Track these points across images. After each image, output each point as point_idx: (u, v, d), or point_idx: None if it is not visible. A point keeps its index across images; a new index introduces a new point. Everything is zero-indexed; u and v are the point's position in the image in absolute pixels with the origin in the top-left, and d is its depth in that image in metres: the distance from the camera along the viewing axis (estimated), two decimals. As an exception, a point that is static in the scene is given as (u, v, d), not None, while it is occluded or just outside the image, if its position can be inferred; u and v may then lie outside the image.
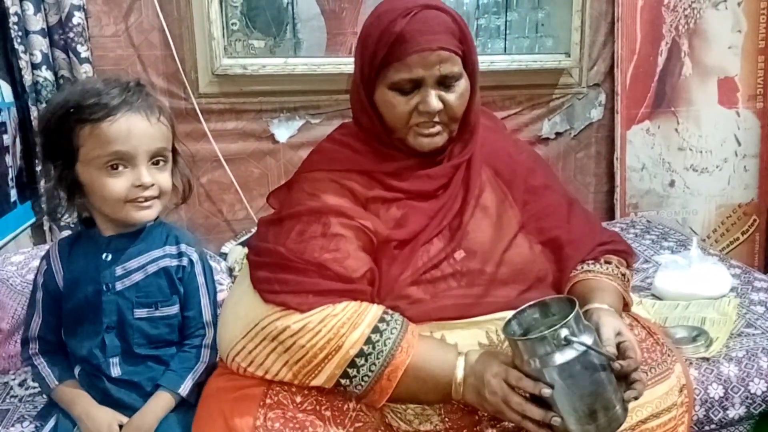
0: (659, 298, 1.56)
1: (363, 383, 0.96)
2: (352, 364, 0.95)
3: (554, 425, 0.89)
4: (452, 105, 1.06)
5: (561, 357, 0.87)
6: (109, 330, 1.11)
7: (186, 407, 1.12)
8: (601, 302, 1.01)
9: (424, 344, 0.99)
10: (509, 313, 1.01)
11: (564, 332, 0.87)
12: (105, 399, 1.13)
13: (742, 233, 2.47)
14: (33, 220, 1.77)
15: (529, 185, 1.18)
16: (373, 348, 0.96)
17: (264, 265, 1.04)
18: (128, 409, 1.13)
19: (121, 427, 1.11)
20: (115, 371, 1.12)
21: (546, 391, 0.88)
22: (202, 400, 1.09)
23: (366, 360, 0.95)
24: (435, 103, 1.05)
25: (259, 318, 1.00)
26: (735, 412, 1.28)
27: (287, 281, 1.00)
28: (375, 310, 0.99)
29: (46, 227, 1.83)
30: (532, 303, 0.97)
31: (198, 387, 1.14)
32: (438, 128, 1.08)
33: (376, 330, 0.97)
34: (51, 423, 1.15)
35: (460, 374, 0.96)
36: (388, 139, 1.11)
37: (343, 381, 0.97)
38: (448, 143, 1.12)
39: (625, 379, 0.92)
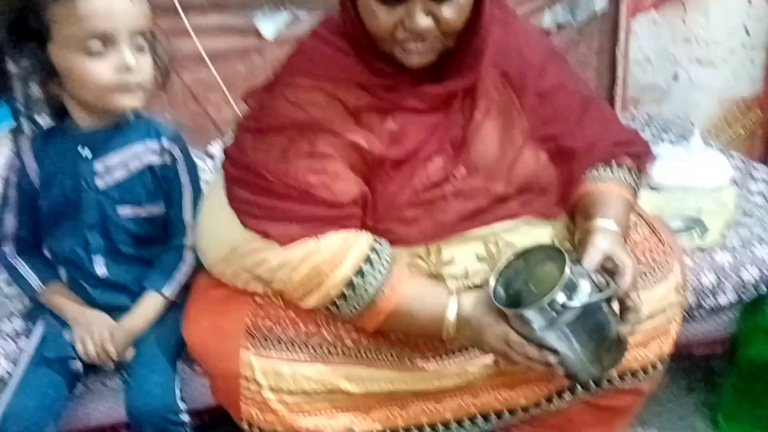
0: (656, 190, 1.53)
1: (348, 316, 0.94)
2: (334, 303, 0.93)
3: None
4: (447, 21, 0.90)
5: (560, 320, 0.84)
6: (91, 228, 1.08)
7: (177, 310, 1.12)
8: (603, 218, 0.96)
9: (411, 286, 0.94)
10: (508, 224, 0.99)
11: (560, 298, 0.83)
12: (92, 303, 1.12)
13: (743, 128, 2.41)
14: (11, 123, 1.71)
15: (539, 89, 1.06)
16: (354, 293, 0.91)
17: (242, 182, 0.96)
18: (117, 312, 1.13)
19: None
20: (100, 271, 1.10)
21: (552, 359, 0.86)
22: (190, 298, 1.09)
23: (347, 302, 0.92)
24: (422, 22, 0.88)
25: (237, 244, 0.95)
26: (726, 299, 1.29)
27: (268, 206, 0.93)
28: (361, 246, 0.93)
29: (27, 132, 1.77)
30: (513, 254, 0.92)
31: (186, 289, 1.14)
32: (429, 45, 0.93)
33: (359, 272, 0.91)
34: (40, 327, 1.14)
35: (451, 317, 0.92)
36: (377, 49, 0.97)
37: (326, 311, 0.95)
38: (449, 55, 0.97)
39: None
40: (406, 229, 0.97)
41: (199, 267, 1.12)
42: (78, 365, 1.13)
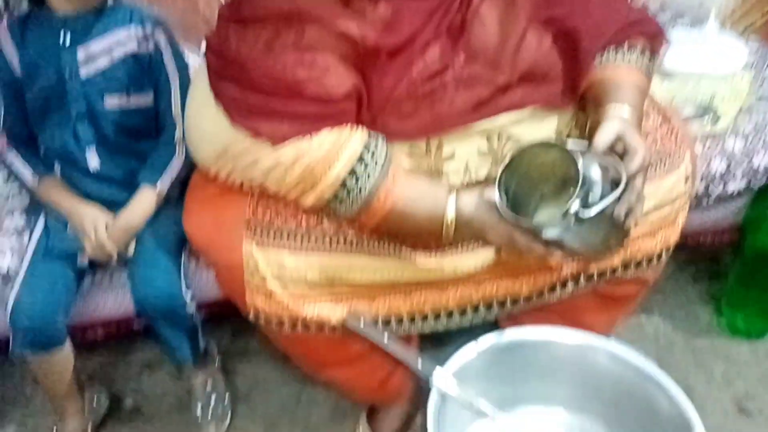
0: (669, 77, 1.48)
1: (345, 216, 0.91)
2: (328, 202, 0.90)
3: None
4: None
5: (572, 225, 0.82)
6: (80, 119, 1.06)
7: (177, 205, 1.11)
8: (617, 102, 0.92)
9: (407, 186, 0.89)
10: (511, 116, 0.94)
11: (574, 206, 0.80)
12: (87, 197, 1.12)
13: (762, 14, 2.30)
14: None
15: None
16: (348, 194, 0.88)
17: (228, 77, 0.90)
18: (113, 207, 1.13)
19: (107, 226, 1.12)
20: (93, 163, 1.10)
21: (557, 254, 0.86)
22: (189, 191, 1.08)
23: (341, 203, 0.89)
24: None
25: (227, 143, 0.91)
26: (735, 186, 1.27)
27: (257, 103, 0.88)
28: (354, 145, 0.88)
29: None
30: (512, 154, 0.87)
31: (182, 183, 1.12)
32: None
33: (352, 173, 0.87)
34: (41, 223, 1.15)
35: (450, 217, 0.88)
36: None
37: (323, 209, 0.93)
38: None
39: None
40: (404, 123, 0.92)
41: (190, 162, 1.10)
42: (84, 260, 1.14)
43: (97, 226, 1.09)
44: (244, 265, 0.97)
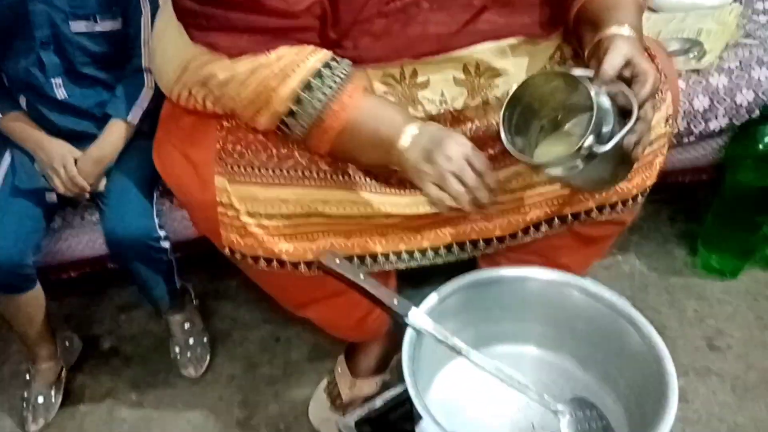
0: (655, 11, 1.44)
1: (298, 136, 0.88)
2: (283, 121, 0.86)
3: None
4: None
5: (581, 162, 0.79)
6: (44, 46, 1.02)
7: (148, 139, 1.07)
8: (618, 24, 0.86)
9: (365, 106, 0.86)
10: (489, 46, 0.90)
11: (589, 141, 0.77)
12: (56, 130, 1.08)
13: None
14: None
15: None
16: (302, 108, 0.84)
17: None
18: (82, 140, 1.09)
19: (77, 161, 1.09)
20: (60, 93, 1.06)
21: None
22: (159, 127, 1.04)
23: (295, 119, 0.85)
24: None
25: (187, 61, 0.88)
26: (717, 123, 1.26)
27: (215, 16, 0.84)
28: (313, 61, 0.84)
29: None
30: (514, 91, 0.83)
31: (151, 115, 1.09)
32: None
33: (307, 87, 0.83)
34: (7, 159, 1.12)
35: (405, 143, 0.84)
36: None
37: (278, 131, 0.89)
38: None
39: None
40: (375, 43, 0.89)
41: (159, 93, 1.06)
42: (53, 197, 1.12)
43: (66, 163, 1.07)
44: (218, 202, 0.96)
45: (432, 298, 0.89)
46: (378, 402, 0.99)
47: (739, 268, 1.46)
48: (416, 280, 1.22)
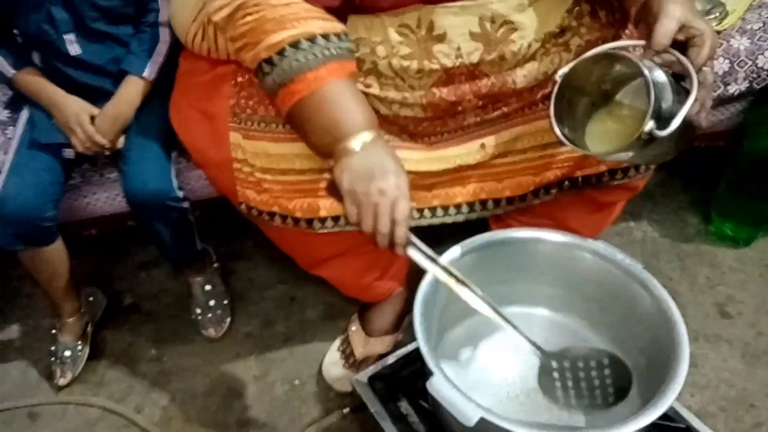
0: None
1: (268, 89, 0.86)
2: (260, 67, 0.84)
3: None
4: None
5: (642, 145, 0.75)
6: (54, 1, 1.01)
7: (164, 97, 1.08)
8: None
9: (339, 89, 0.82)
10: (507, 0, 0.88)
11: (649, 126, 0.73)
12: (71, 86, 1.09)
13: None
14: None
15: None
16: (281, 63, 0.82)
17: None
18: (99, 97, 1.09)
19: (93, 118, 1.09)
20: (73, 50, 1.06)
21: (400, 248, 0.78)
22: (175, 87, 1.06)
23: (272, 69, 0.83)
24: None
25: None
26: (737, 87, 1.24)
27: None
28: (313, 27, 0.83)
29: None
30: (560, 81, 0.80)
31: (167, 72, 1.09)
32: None
33: (295, 45, 0.81)
34: (25, 114, 1.13)
35: (355, 145, 0.79)
36: None
37: (256, 73, 0.87)
38: None
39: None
40: None
41: (179, 50, 1.06)
42: (70, 153, 1.13)
43: (82, 121, 1.07)
44: (233, 158, 0.97)
45: (445, 258, 0.90)
46: (390, 359, 1.01)
47: (753, 236, 1.45)
48: (429, 244, 1.24)
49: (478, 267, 0.94)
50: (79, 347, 1.31)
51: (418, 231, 1.07)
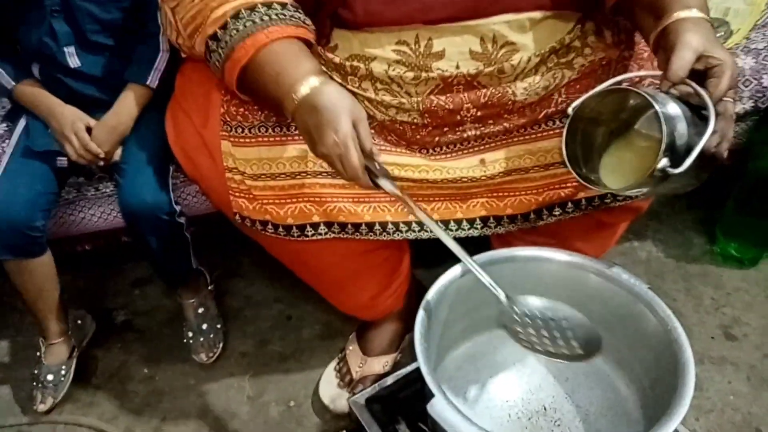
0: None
1: (216, 68, 0.86)
2: (208, 45, 0.85)
3: None
4: None
5: (656, 182, 0.74)
6: (54, 14, 1.01)
7: (162, 112, 1.07)
8: (684, 6, 0.77)
9: (280, 48, 0.82)
10: (509, 17, 0.87)
11: (662, 163, 0.70)
12: (70, 97, 1.08)
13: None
14: None
15: None
16: (224, 33, 0.83)
17: None
18: (97, 108, 1.09)
19: (90, 130, 1.08)
20: (73, 62, 1.06)
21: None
22: (173, 96, 1.05)
23: (217, 46, 0.84)
24: None
25: None
26: (741, 107, 1.23)
27: None
28: None
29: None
30: (571, 116, 0.79)
31: (165, 85, 1.08)
32: None
33: (236, 16, 0.82)
34: (21, 123, 1.12)
35: (301, 92, 0.79)
36: None
37: (207, 62, 0.88)
38: None
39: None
40: (387, 7, 0.86)
41: (178, 63, 1.06)
42: (63, 162, 1.12)
43: (77, 130, 1.07)
44: (226, 168, 0.96)
45: (447, 276, 0.88)
46: (389, 380, 0.98)
47: (759, 256, 1.44)
48: (429, 262, 1.22)
49: (480, 285, 0.92)
50: (63, 372, 1.27)
51: (421, 246, 1.06)
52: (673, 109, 0.73)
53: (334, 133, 0.77)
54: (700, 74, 0.75)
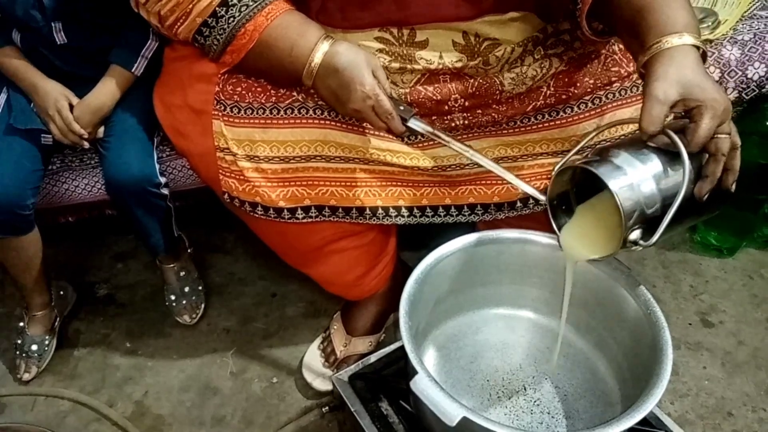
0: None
1: (212, 51, 0.88)
2: (200, 32, 0.87)
3: None
4: None
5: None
6: None
7: (147, 83, 1.06)
8: (670, 30, 0.70)
9: (281, 23, 0.85)
10: (492, 17, 0.87)
11: (634, 236, 0.69)
12: (52, 70, 1.06)
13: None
14: None
15: None
16: (217, 21, 0.85)
17: None
18: (81, 83, 1.06)
19: (73, 106, 1.07)
20: (60, 38, 1.03)
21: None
22: (162, 71, 1.04)
23: (210, 32, 0.86)
24: None
25: None
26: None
27: None
28: None
29: None
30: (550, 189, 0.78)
31: (151, 65, 1.07)
32: None
33: (225, 3, 0.84)
34: (2, 96, 1.09)
35: (317, 59, 0.84)
36: None
37: (196, 43, 0.89)
38: None
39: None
40: (364, 13, 0.88)
41: (165, 42, 1.04)
42: (48, 139, 1.10)
43: (61, 108, 1.05)
44: (216, 147, 0.95)
45: (433, 256, 0.89)
46: (372, 358, 0.99)
47: (737, 246, 1.46)
48: (415, 244, 1.22)
49: (465, 266, 0.93)
50: (47, 341, 1.28)
51: (409, 228, 1.07)
52: (638, 175, 0.69)
53: (361, 87, 0.83)
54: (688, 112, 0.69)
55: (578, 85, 0.96)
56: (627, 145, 0.73)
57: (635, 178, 0.70)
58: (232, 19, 0.84)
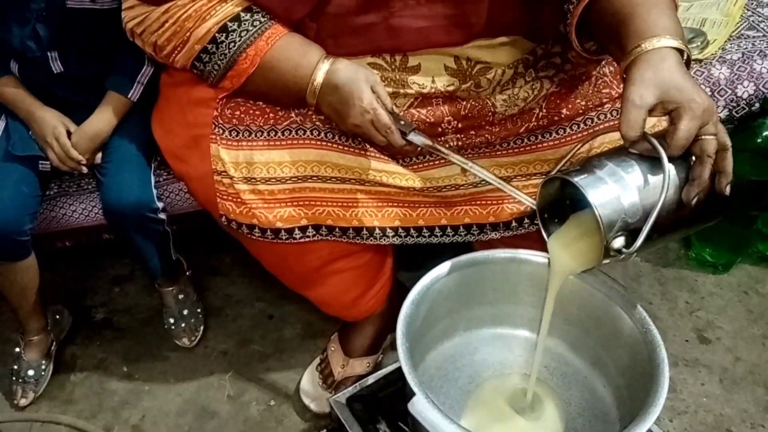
0: None
1: (212, 76, 0.90)
2: (199, 58, 0.88)
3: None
4: None
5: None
6: (40, 18, 1.00)
7: (144, 108, 1.07)
8: (648, 35, 0.69)
9: (281, 47, 0.87)
10: (482, 42, 0.89)
11: (617, 243, 0.68)
12: (49, 98, 1.07)
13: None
14: None
15: None
16: (217, 47, 0.87)
17: None
18: (78, 110, 1.07)
19: (71, 133, 1.08)
20: (56, 67, 1.04)
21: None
22: (160, 94, 1.05)
23: (210, 58, 0.88)
24: None
25: (122, 15, 0.92)
26: (717, 116, 1.26)
27: None
28: (230, 7, 0.86)
29: None
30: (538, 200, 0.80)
31: (147, 86, 1.08)
32: None
33: (223, 29, 0.86)
34: (1, 123, 1.10)
35: (318, 79, 0.87)
36: None
37: (194, 70, 0.91)
38: None
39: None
40: (357, 41, 0.89)
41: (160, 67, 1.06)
42: (46, 166, 1.11)
43: (58, 136, 1.06)
44: (214, 170, 0.96)
45: (430, 276, 0.89)
46: (370, 379, 0.99)
47: (732, 262, 1.47)
48: (412, 265, 1.23)
49: (461, 286, 0.93)
50: (43, 366, 1.27)
51: (405, 248, 1.08)
52: (619, 183, 0.68)
53: (359, 102, 0.85)
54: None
55: (570, 106, 0.97)
56: (610, 154, 0.73)
57: (616, 187, 0.69)
58: (232, 44, 0.86)
